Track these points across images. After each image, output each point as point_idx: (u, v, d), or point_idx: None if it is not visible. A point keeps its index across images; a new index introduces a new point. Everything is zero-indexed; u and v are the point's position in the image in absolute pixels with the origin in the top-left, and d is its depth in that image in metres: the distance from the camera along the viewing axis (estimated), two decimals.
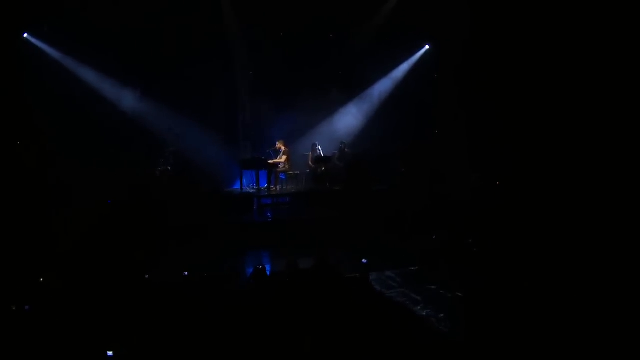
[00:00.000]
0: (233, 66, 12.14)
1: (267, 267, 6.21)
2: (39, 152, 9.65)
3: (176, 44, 10.91)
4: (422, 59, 12.76)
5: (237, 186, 11.51)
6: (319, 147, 11.89)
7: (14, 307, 4.51)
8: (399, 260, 7.21)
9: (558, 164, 8.86)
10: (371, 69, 12.71)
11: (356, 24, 12.12)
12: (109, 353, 3.83)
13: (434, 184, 10.57)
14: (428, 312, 5.44)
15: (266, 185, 11.23)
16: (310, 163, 11.94)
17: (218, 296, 4.96)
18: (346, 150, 12.17)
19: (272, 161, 11.24)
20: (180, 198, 9.73)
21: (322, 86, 12.52)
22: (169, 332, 4.19)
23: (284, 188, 11.60)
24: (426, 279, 6.45)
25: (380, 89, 13.00)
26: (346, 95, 12.99)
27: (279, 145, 11.52)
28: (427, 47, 12.68)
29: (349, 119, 12.98)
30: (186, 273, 5.78)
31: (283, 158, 11.47)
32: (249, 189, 11.35)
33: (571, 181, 8.41)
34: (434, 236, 8.07)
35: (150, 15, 10.44)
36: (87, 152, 10.28)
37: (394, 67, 12.83)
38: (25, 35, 10.50)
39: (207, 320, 4.35)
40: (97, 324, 4.26)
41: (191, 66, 11.12)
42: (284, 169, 11.51)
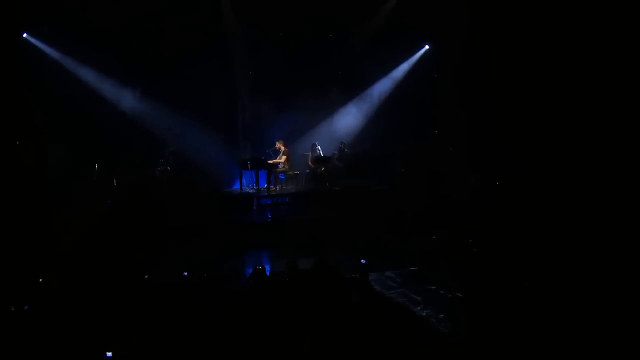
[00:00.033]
0: (233, 66, 12.14)
1: (266, 267, 6.19)
2: (39, 152, 9.65)
3: (176, 44, 10.89)
4: (422, 59, 12.74)
5: (236, 186, 11.50)
6: (319, 147, 11.88)
7: (12, 308, 4.49)
8: (399, 261, 7.20)
9: (558, 164, 8.86)
10: (371, 69, 12.69)
11: (356, 24, 12.11)
12: (108, 354, 3.82)
13: (433, 184, 10.57)
14: (428, 313, 5.44)
15: (266, 185, 11.23)
16: (310, 163, 11.92)
17: (218, 296, 4.95)
18: (346, 150, 12.16)
19: (271, 161, 11.24)
20: (180, 198, 9.74)
21: (322, 86, 12.52)
22: (168, 332, 4.18)
23: (284, 188, 11.58)
24: (426, 279, 6.44)
25: (380, 89, 12.99)
26: (346, 95, 12.99)
27: (279, 145, 11.51)
28: (427, 47, 12.66)
29: (348, 119, 12.98)
30: (186, 273, 5.78)
31: (283, 158, 11.46)
32: (248, 189, 11.33)
33: (571, 181, 8.41)
34: (434, 236, 8.07)
35: (150, 15, 10.44)
36: (87, 152, 10.29)
37: (393, 67, 12.82)
38: (24, 35, 10.48)
39: (207, 320, 4.34)
40: (97, 324, 4.26)
41: (191, 66, 11.11)
42: (283, 169, 11.50)
